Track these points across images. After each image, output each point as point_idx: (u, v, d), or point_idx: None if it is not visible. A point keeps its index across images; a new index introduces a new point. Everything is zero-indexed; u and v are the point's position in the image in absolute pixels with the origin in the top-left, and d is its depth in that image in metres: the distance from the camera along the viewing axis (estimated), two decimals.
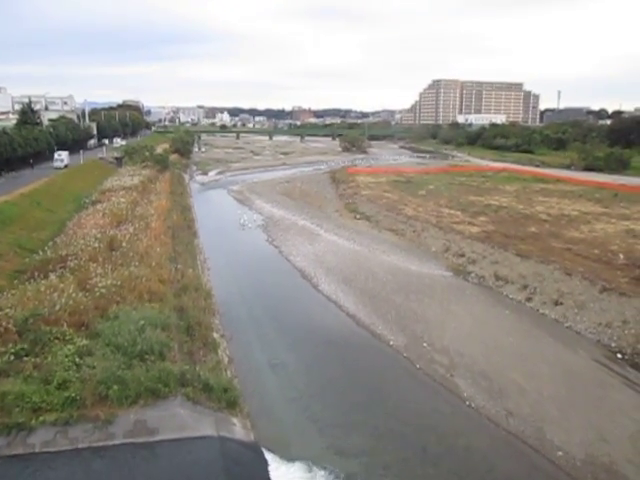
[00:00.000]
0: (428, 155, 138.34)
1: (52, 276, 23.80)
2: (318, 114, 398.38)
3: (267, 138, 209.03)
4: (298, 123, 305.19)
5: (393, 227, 47.44)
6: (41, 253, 27.85)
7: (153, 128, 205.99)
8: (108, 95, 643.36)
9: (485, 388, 20.81)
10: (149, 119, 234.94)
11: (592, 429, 18.23)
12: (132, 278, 23.81)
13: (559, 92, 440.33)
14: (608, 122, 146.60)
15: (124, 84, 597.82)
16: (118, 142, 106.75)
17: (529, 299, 29.33)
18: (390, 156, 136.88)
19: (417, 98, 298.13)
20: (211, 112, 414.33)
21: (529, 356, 23.39)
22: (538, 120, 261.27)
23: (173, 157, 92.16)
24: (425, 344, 24.23)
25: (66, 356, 17.07)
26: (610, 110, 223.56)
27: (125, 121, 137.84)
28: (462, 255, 37.39)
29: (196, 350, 20.11)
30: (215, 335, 22.61)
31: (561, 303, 27.96)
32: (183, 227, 42.00)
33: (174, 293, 24.64)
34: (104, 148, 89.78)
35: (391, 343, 24.47)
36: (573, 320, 26.46)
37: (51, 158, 67.02)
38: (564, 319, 26.87)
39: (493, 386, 20.99)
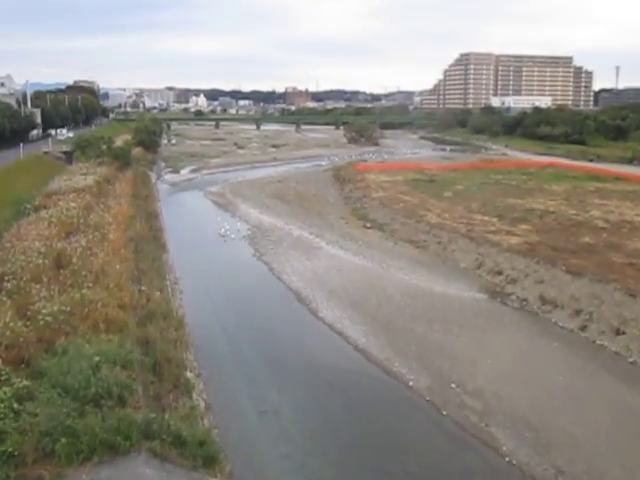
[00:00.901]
0: (455, 147, 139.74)
1: None
2: (318, 97, 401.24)
3: (254, 127, 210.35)
4: (292, 108, 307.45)
5: (412, 238, 47.67)
6: None
7: (111, 115, 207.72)
8: (56, 75, 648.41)
9: (529, 440, 20.71)
10: (106, 104, 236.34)
11: None
12: (85, 303, 23.78)
13: (618, 68, 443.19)
14: None
15: (75, 61, 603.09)
16: (63, 134, 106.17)
17: (583, 327, 29.31)
18: (408, 149, 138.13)
19: (441, 77, 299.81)
20: (184, 95, 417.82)
21: (584, 399, 23.34)
22: (592, 103, 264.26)
23: (136, 151, 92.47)
24: (453, 385, 24.26)
25: (1, 401, 16.79)
26: None
27: (77, 107, 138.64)
28: (499, 273, 37.53)
29: (165, 393, 20.09)
30: (189, 374, 22.65)
31: (623, 332, 27.92)
32: (149, 239, 42.10)
33: (137, 322, 24.85)
34: (50, 140, 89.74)
35: (411, 384, 24.51)
36: (639, 354, 26.50)
37: None
38: (627, 352, 26.81)
39: (539, 437, 20.91)
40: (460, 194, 62.55)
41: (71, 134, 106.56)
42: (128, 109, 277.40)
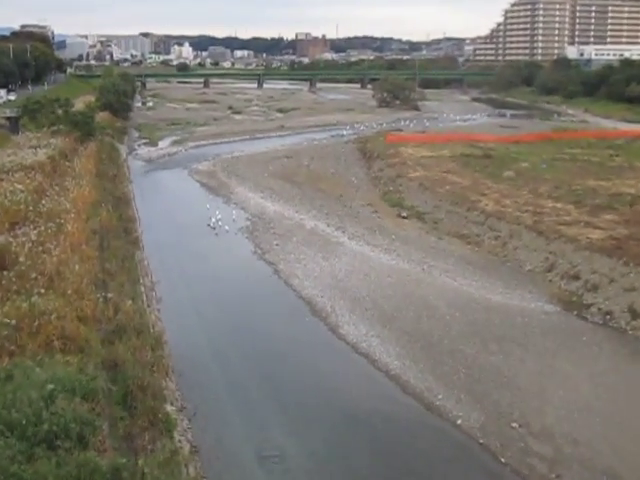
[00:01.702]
0: (519, 112, 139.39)
1: None
2: (338, 46, 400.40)
3: (254, 86, 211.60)
4: (305, 61, 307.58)
5: (462, 231, 48.01)
6: None
7: (69, 70, 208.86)
8: None
9: None
10: (63, 55, 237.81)
11: None
12: (35, 314, 23.77)
13: None
14: None
15: (22, 0, 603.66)
16: (2, 96, 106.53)
17: None
18: (457, 114, 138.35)
19: (500, 19, 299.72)
20: (163, 44, 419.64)
21: None
22: None
23: (102, 117, 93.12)
24: (515, 424, 24.11)
25: None
26: None
27: (24, 59, 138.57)
28: (576, 277, 37.41)
29: (138, 432, 20.13)
30: (169, 408, 22.72)
31: None
32: (118, 232, 42.37)
33: (103, 339, 24.99)
34: None
35: (459, 422, 24.46)
36: None
37: None
38: None
39: None
40: (525, 174, 62.20)
41: (12, 97, 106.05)
42: (91, 62, 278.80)
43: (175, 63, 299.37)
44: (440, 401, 25.75)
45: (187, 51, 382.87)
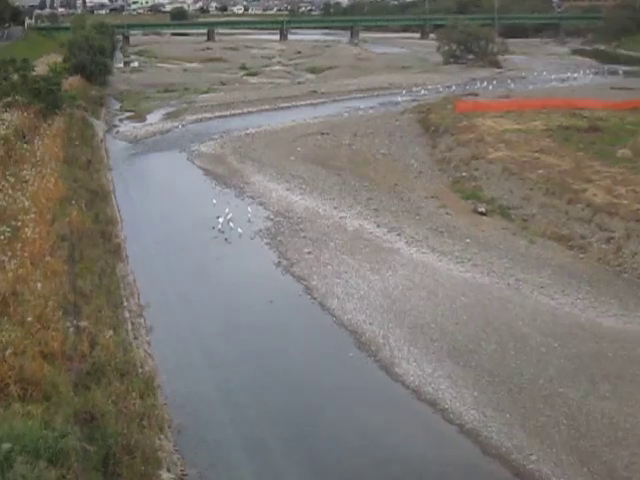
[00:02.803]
0: (636, 69, 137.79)
1: None
2: None
3: (276, 38, 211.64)
4: (344, 3, 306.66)
5: (562, 232, 47.72)
6: None
7: (29, 21, 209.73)
8: None
9: None
10: (20, 2, 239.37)
11: None
12: None
13: None
14: None
15: None
16: None
17: None
18: (552, 72, 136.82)
19: None
20: None
21: None
22: None
23: (72, 84, 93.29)
24: None
25: None
26: None
27: None
28: None
29: None
30: (165, 476, 22.68)
31: None
32: (93, 238, 42.40)
33: (76, 382, 24.92)
34: None
35: None
36: None
37: None
38: None
39: None
40: None
41: None
42: (59, 10, 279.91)
43: (168, 9, 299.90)
44: (534, 464, 25.39)
45: None
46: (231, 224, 50.71)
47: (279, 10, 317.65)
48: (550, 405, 28.84)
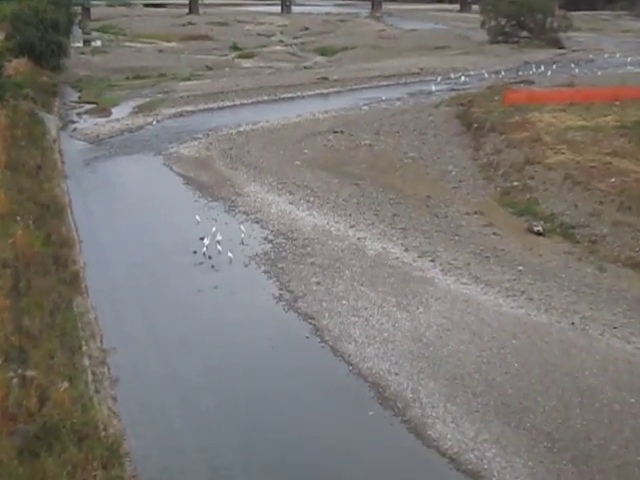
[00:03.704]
0: None
1: None
2: None
3: (277, 10, 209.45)
4: None
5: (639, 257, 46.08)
6: None
7: None
8: None
9: None
10: None
11: None
12: None
13: None
14: None
15: None
16: None
17: None
18: (627, 53, 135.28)
19: None
20: None
21: None
22: None
23: (16, 68, 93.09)
24: None
25: None
26: None
27: None
28: None
29: None
30: None
31: None
32: (44, 264, 42.02)
33: (21, 447, 24.97)
34: None
35: None
36: None
37: None
38: None
39: None
40: None
41: None
42: None
43: None
44: None
45: None
46: (219, 247, 49.59)
47: None
48: (624, 478, 27.97)
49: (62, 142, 78.41)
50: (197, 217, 55.01)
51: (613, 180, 56.07)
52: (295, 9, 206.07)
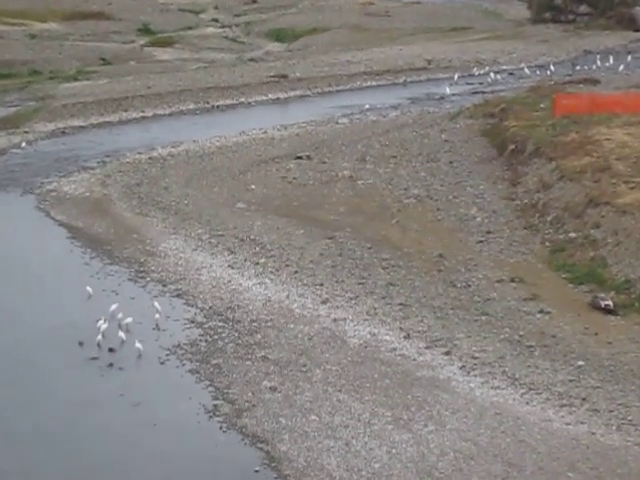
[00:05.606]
0: None
1: None
2: None
3: None
4: None
5: None
6: None
7: None
8: None
9: None
10: None
11: None
12: None
13: None
14: None
15: None
16: None
17: None
18: None
19: None
20: None
21: None
22: None
23: None
24: None
25: None
26: None
27: None
28: None
29: None
30: None
31: None
32: None
33: None
34: None
35: None
36: None
37: None
38: None
39: None
40: None
41: None
42: None
43: None
44: None
45: None
46: (122, 334, 42.57)
47: None
48: None
49: None
50: (88, 288, 48.14)
51: None
52: None
